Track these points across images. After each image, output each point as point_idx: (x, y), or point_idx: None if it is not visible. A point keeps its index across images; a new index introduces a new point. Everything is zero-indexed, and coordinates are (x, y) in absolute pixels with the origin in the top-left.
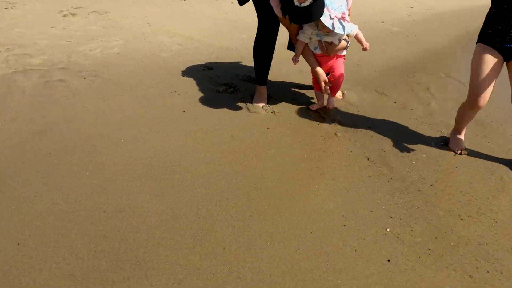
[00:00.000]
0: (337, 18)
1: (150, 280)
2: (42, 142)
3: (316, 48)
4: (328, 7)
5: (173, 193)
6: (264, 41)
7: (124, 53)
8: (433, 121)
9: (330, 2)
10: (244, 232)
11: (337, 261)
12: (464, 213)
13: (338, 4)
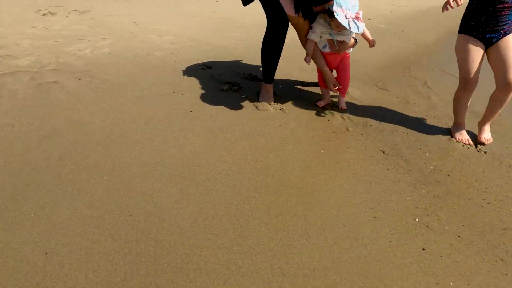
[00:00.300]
0: (352, 18)
1: (195, 282)
2: (50, 147)
3: (325, 47)
4: (343, 7)
5: (198, 193)
6: (273, 40)
7: (116, 53)
8: (437, 114)
9: (344, 2)
10: (278, 229)
11: (375, 253)
12: (483, 201)
13: (351, 4)
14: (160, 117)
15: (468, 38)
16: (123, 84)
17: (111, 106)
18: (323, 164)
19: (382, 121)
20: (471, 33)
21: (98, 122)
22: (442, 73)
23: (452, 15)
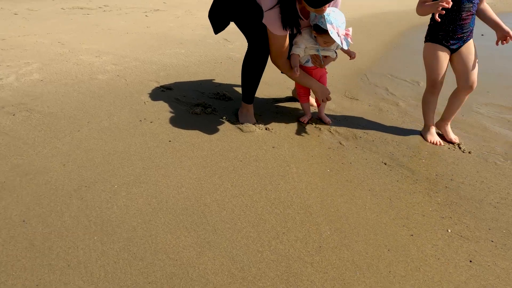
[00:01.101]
0: (343, 35)
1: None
2: (8, 209)
3: (307, 61)
4: (333, 24)
5: (220, 240)
6: (256, 61)
7: (50, 79)
8: (411, 120)
9: (335, 20)
10: (326, 267)
11: (431, 274)
12: (493, 201)
13: (341, 21)
14: (135, 152)
15: (436, 46)
16: (73, 116)
17: (68, 145)
18: (336, 184)
19: (367, 131)
20: (440, 42)
21: (59, 167)
22: (396, 79)
23: (389, 24)
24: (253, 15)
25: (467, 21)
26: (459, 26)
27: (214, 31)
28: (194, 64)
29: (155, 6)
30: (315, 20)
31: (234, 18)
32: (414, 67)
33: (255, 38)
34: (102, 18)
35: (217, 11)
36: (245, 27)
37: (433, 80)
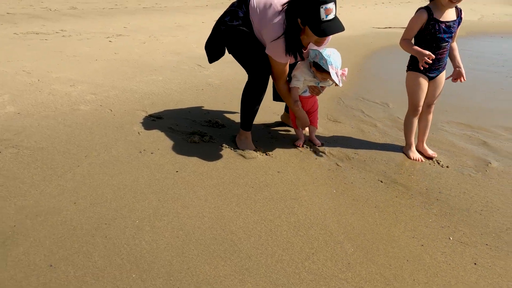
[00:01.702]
0: (339, 75)
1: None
2: (29, 254)
3: (305, 91)
4: (333, 65)
5: (257, 266)
6: (256, 90)
7: (27, 112)
8: (391, 139)
9: (335, 61)
10: (358, 281)
11: (448, 278)
12: (478, 209)
13: (338, 62)
14: (146, 185)
15: (418, 75)
16: (67, 151)
17: (72, 182)
18: (345, 203)
19: (357, 152)
20: (421, 71)
21: (70, 206)
22: (367, 102)
23: (356, 46)
24: (253, 49)
25: (444, 55)
26: (437, 59)
27: (209, 61)
28: (176, 92)
29: (116, 31)
30: (316, 58)
31: (233, 52)
32: (381, 90)
33: (255, 70)
34: (63, 44)
35: (215, 44)
36: (245, 61)
37: (416, 105)
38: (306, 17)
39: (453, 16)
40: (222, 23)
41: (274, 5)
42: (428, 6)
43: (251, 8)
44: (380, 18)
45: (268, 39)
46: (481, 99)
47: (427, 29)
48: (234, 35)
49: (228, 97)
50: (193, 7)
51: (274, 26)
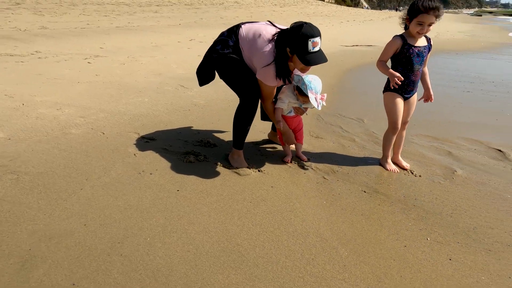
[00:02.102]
0: (319, 99)
1: None
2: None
3: (290, 112)
4: (313, 90)
5: (265, 273)
6: (248, 112)
7: (18, 137)
8: (369, 152)
9: (315, 87)
10: (354, 280)
11: (429, 273)
12: (449, 212)
13: (318, 88)
14: (150, 205)
15: (395, 95)
16: (67, 175)
17: (78, 205)
18: (335, 213)
19: (341, 166)
20: (397, 92)
21: (81, 228)
22: (344, 118)
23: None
24: (243, 75)
25: (417, 78)
26: (412, 81)
27: (200, 85)
28: (164, 113)
29: (92, 52)
30: (298, 83)
31: (225, 78)
32: (355, 107)
33: (247, 94)
34: (41, 66)
35: (207, 70)
36: (237, 86)
37: (395, 123)
38: (295, 48)
39: (424, 43)
40: (214, 51)
41: (263, 35)
42: (402, 34)
43: (240, 37)
44: (346, 36)
45: (260, 65)
46: (444, 113)
47: (402, 53)
48: (225, 62)
49: (215, 117)
50: (166, 26)
51: (265, 54)
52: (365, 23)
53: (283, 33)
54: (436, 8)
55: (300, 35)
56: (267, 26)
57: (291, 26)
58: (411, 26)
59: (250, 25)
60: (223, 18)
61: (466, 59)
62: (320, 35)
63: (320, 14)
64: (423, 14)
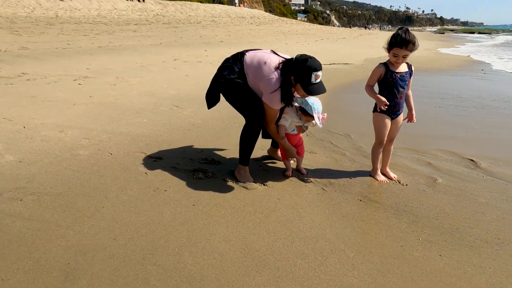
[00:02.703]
0: (321, 118)
1: None
2: (93, 285)
3: (293, 130)
4: (315, 110)
5: (286, 274)
6: (254, 132)
7: (28, 160)
8: (359, 165)
9: (317, 108)
10: (362, 276)
11: (425, 267)
12: (434, 215)
13: (320, 108)
14: (171, 219)
15: (383, 116)
16: (86, 194)
17: (104, 221)
18: (338, 220)
19: (337, 178)
20: (385, 112)
21: (111, 242)
22: (333, 134)
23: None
24: (249, 98)
25: (401, 100)
26: (397, 103)
27: (208, 107)
28: (165, 133)
29: (80, 73)
30: (302, 104)
31: (231, 101)
32: (342, 123)
33: (252, 116)
34: (32, 88)
35: (214, 94)
36: (243, 108)
37: (381, 139)
38: (300, 78)
39: (405, 69)
40: (221, 76)
41: (268, 63)
42: (386, 62)
43: (245, 64)
44: (323, 55)
45: (266, 90)
46: (421, 128)
47: (386, 78)
48: (232, 87)
49: (214, 136)
50: (148, 45)
51: (272, 81)
52: (338, 41)
53: (288, 63)
54: (409, 43)
55: (305, 68)
56: (270, 54)
57: (296, 58)
58: (389, 56)
59: (254, 53)
60: (202, 37)
61: (435, 76)
62: (321, 69)
63: (295, 33)
64: (397, 48)
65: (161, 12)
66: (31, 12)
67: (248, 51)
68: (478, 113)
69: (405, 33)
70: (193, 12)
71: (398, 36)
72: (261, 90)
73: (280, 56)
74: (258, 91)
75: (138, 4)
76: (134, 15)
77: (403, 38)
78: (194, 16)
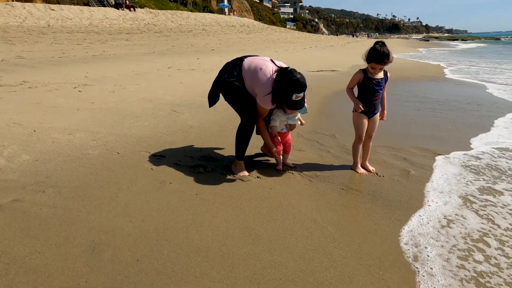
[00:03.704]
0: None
1: None
2: (117, 255)
3: (283, 129)
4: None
5: (280, 245)
6: (249, 129)
7: (43, 159)
8: (342, 161)
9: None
10: (360, 258)
11: (394, 238)
12: (405, 200)
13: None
14: (178, 205)
15: (361, 115)
16: (100, 186)
17: (119, 208)
18: (322, 205)
19: (322, 171)
20: (363, 112)
21: (128, 223)
22: (319, 134)
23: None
24: (245, 99)
25: (377, 101)
26: (372, 104)
27: (210, 106)
28: (166, 135)
29: (79, 81)
30: None
31: (229, 100)
32: (328, 125)
33: (248, 115)
34: (36, 95)
35: (215, 94)
36: (240, 108)
37: (360, 135)
38: (283, 92)
39: (381, 76)
40: (221, 79)
41: (263, 69)
42: (364, 69)
43: (243, 69)
44: (311, 62)
45: (261, 94)
46: (400, 128)
47: (364, 83)
48: (231, 89)
49: (211, 137)
50: (141, 54)
51: (265, 86)
52: (326, 49)
53: (282, 71)
54: (384, 59)
55: (290, 88)
56: (266, 62)
57: (289, 71)
58: (367, 66)
59: (252, 59)
60: (194, 46)
61: (416, 82)
62: (304, 90)
63: (284, 41)
64: (374, 63)
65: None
66: (23, 22)
67: (247, 57)
68: (453, 115)
69: (382, 49)
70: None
71: (376, 53)
72: (256, 92)
73: (276, 64)
74: (254, 93)
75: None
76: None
77: (380, 55)
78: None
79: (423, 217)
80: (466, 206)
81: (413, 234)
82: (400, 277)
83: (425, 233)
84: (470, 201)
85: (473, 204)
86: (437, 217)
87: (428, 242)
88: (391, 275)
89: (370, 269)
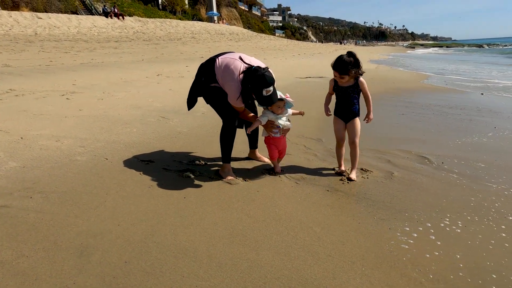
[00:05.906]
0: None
1: None
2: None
3: (277, 133)
4: (281, 95)
5: (271, 241)
6: (231, 131)
7: (31, 165)
8: (327, 163)
9: (280, 94)
10: (349, 256)
11: (377, 237)
12: (388, 200)
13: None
14: (166, 208)
15: (337, 119)
16: (89, 192)
17: (108, 212)
18: (308, 206)
19: (308, 174)
20: (340, 116)
21: (116, 227)
22: (306, 138)
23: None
24: (224, 101)
25: (351, 107)
26: (346, 110)
27: (188, 109)
28: (154, 141)
29: (67, 89)
30: None
31: (210, 103)
32: (314, 130)
33: (228, 117)
34: (23, 103)
35: (193, 98)
36: (220, 110)
37: (337, 138)
38: (253, 90)
39: (350, 83)
40: (200, 82)
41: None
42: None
43: (216, 68)
44: (299, 69)
45: (231, 95)
46: (385, 131)
47: (334, 90)
48: (209, 92)
49: (199, 142)
50: (130, 62)
51: (232, 86)
52: (315, 56)
53: (248, 72)
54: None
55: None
56: (235, 60)
57: (254, 69)
58: None
59: (223, 58)
60: (183, 53)
61: (402, 88)
62: (273, 83)
63: (273, 48)
64: (334, 70)
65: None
66: (9, 30)
67: (221, 55)
68: (436, 119)
69: (342, 58)
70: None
71: (335, 61)
72: (226, 92)
73: (245, 62)
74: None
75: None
76: (114, 32)
77: (335, 64)
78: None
79: (404, 215)
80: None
81: (394, 233)
82: (382, 272)
83: (404, 231)
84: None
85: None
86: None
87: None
88: (373, 271)
89: (353, 266)
